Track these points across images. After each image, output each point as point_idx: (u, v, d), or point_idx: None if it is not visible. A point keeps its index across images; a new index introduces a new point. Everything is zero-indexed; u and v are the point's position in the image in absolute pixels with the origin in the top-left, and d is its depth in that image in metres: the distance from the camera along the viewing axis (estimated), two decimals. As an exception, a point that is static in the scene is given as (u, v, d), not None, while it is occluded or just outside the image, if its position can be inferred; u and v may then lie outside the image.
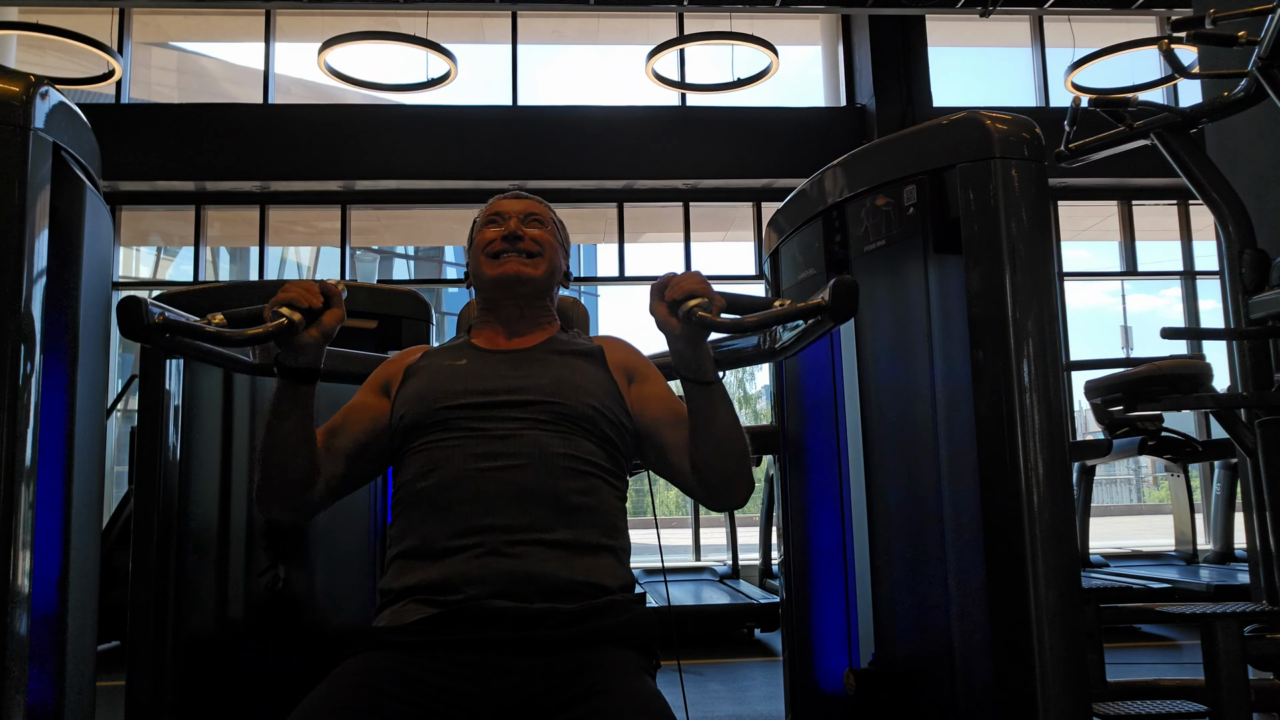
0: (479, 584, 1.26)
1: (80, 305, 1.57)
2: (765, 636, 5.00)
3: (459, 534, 1.29)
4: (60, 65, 7.32)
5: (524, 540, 1.29)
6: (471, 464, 1.33)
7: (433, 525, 1.31)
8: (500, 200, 1.60)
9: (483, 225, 1.58)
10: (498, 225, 1.55)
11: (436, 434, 1.38)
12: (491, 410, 1.38)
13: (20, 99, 1.40)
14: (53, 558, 1.52)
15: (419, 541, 1.32)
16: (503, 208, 1.57)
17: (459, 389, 1.41)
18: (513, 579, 1.26)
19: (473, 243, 1.59)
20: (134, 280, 9.10)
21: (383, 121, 8.00)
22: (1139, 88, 7.01)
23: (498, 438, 1.35)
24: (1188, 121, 2.68)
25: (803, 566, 2.08)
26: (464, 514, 1.30)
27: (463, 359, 1.48)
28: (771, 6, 8.03)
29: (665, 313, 1.28)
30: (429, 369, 1.48)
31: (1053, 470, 1.45)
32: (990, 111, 1.58)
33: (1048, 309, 1.50)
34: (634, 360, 1.54)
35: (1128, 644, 4.33)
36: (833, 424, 1.98)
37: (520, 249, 1.52)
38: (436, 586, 1.27)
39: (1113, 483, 18.96)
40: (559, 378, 1.43)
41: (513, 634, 1.24)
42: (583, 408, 1.39)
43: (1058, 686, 1.41)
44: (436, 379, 1.45)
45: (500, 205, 1.58)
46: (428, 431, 1.39)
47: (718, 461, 1.35)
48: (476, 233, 1.59)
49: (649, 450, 1.47)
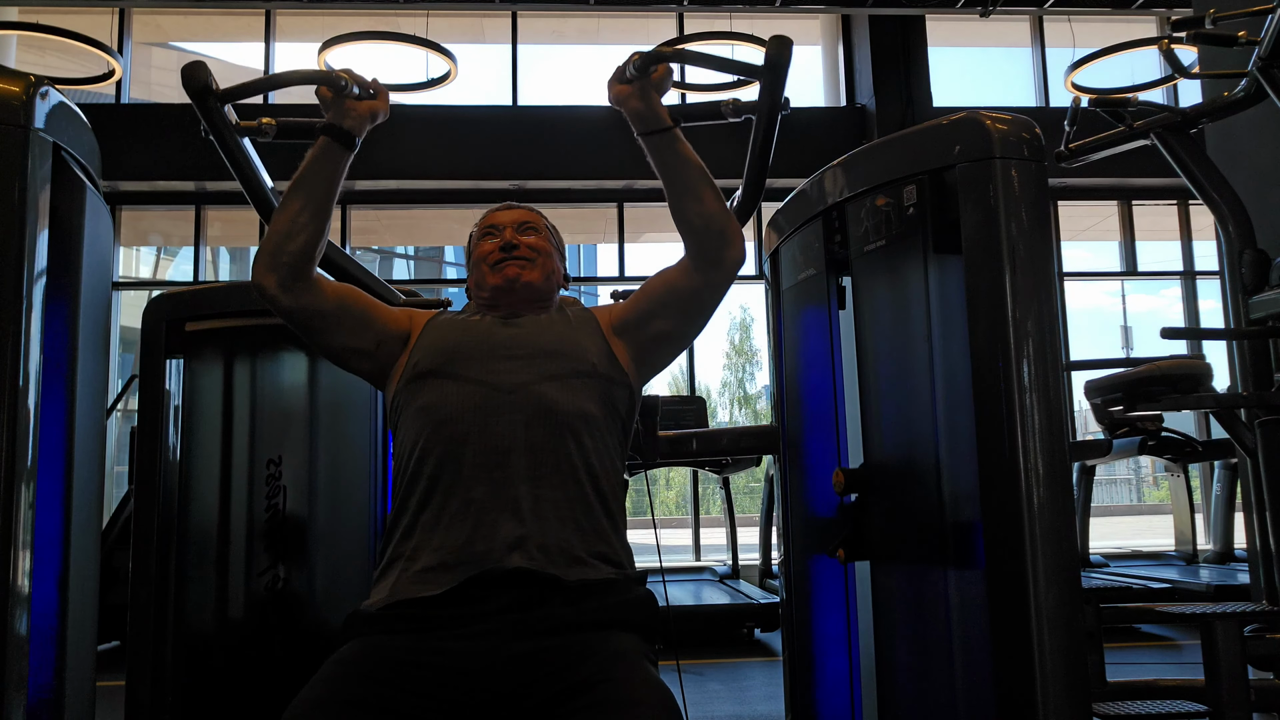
0: (488, 545, 1.31)
1: (80, 305, 1.57)
2: (765, 636, 4.99)
3: (470, 493, 1.35)
4: (60, 65, 7.32)
5: (532, 492, 1.35)
6: (479, 417, 1.40)
7: (446, 479, 1.37)
8: (493, 213, 1.68)
9: (479, 239, 1.65)
10: (494, 237, 1.63)
11: (445, 380, 1.45)
12: (497, 363, 1.46)
13: (20, 99, 1.39)
14: (53, 558, 1.52)
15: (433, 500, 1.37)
16: (497, 220, 1.65)
17: (465, 340, 1.51)
18: (520, 542, 1.31)
19: (471, 256, 1.66)
20: (134, 280, 9.09)
21: (383, 121, 7.99)
22: (1139, 88, 7.00)
23: (504, 390, 1.42)
24: (1188, 121, 2.68)
25: (803, 567, 2.08)
26: (475, 465, 1.36)
27: (471, 325, 1.58)
28: (771, 6, 8.03)
29: (618, 85, 1.46)
30: (441, 324, 1.58)
31: (1053, 470, 1.45)
32: (990, 111, 1.58)
33: (1048, 309, 1.50)
34: (613, 306, 1.65)
35: (1128, 644, 4.33)
36: (832, 424, 1.98)
37: (517, 256, 1.59)
38: (446, 549, 1.31)
39: (1113, 483, 18.95)
40: (561, 335, 1.53)
41: (513, 612, 1.24)
42: (583, 364, 1.48)
43: (1058, 686, 1.41)
44: (454, 340, 1.53)
45: (494, 218, 1.66)
46: (439, 377, 1.46)
47: (696, 203, 1.48)
48: (474, 247, 1.66)
49: (657, 298, 1.56)
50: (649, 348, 1.58)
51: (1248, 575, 4.18)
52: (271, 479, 2.18)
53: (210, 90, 1.50)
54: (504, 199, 8.26)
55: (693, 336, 1.63)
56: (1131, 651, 4.15)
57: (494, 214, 1.68)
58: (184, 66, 1.47)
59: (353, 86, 1.46)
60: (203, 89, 1.49)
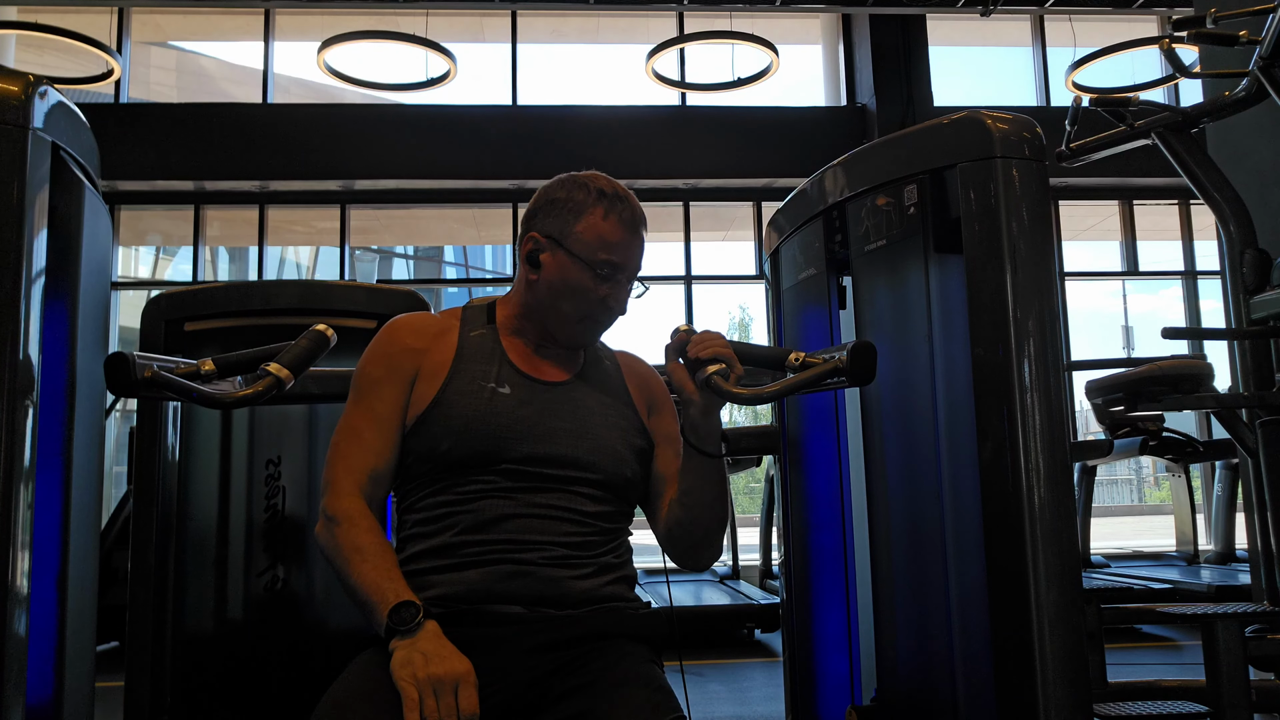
0: (499, 599, 1.25)
1: (79, 305, 1.56)
2: (765, 637, 4.99)
3: (483, 552, 1.27)
4: (59, 65, 7.32)
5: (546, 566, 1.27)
6: (510, 509, 1.28)
7: (459, 544, 1.28)
8: (624, 236, 1.35)
9: (594, 256, 1.33)
10: (610, 281, 1.35)
11: (480, 478, 1.30)
12: (536, 471, 1.30)
13: (19, 98, 1.39)
14: (52, 558, 1.51)
15: (440, 545, 1.29)
16: (624, 259, 1.36)
17: (507, 435, 1.30)
18: (532, 598, 1.26)
19: (570, 253, 1.34)
20: (133, 280, 9.09)
21: (382, 121, 8.00)
22: (1140, 87, 7.01)
23: (539, 492, 1.30)
24: (1189, 121, 2.68)
25: (803, 567, 2.08)
26: (494, 544, 1.27)
27: (504, 384, 1.34)
28: (772, 6, 8.03)
29: (684, 375, 1.26)
30: (465, 383, 1.33)
31: (1053, 470, 1.45)
32: (991, 111, 1.58)
33: (1049, 309, 1.50)
34: (651, 385, 1.48)
35: (1129, 644, 4.33)
36: (833, 424, 1.98)
37: (601, 325, 1.40)
38: (452, 599, 1.26)
39: (1114, 483, 18.96)
40: (598, 441, 1.34)
41: (521, 629, 1.24)
42: (619, 480, 1.35)
43: (1059, 687, 1.40)
44: (478, 410, 1.31)
45: (623, 255, 1.35)
46: (471, 473, 1.30)
47: (690, 531, 1.34)
48: (582, 251, 1.33)
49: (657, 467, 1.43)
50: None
51: (1249, 576, 4.18)
52: (270, 479, 2.18)
53: (142, 382, 1.35)
54: (504, 199, 8.28)
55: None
56: (1133, 652, 4.15)
57: (623, 240, 1.35)
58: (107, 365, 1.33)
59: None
60: (133, 384, 1.35)
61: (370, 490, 1.30)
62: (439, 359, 1.35)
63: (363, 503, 1.28)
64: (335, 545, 1.24)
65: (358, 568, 1.20)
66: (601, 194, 1.35)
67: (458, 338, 1.38)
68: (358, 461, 1.30)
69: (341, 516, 1.25)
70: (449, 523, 1.28)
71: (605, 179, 1.38)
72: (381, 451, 1.31)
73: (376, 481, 1.31)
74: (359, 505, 1.27)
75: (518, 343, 1.40)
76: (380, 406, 1.32)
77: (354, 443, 1.31)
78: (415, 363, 1.34)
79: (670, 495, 1.37)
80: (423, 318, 1.43)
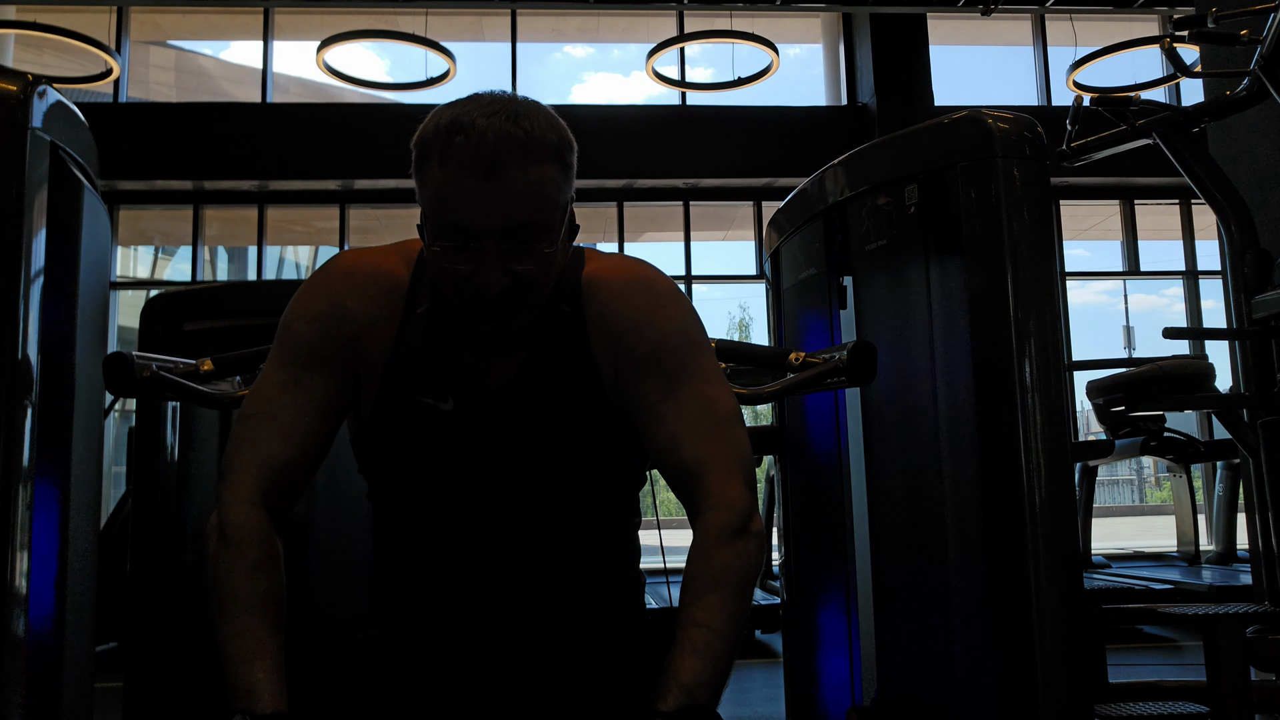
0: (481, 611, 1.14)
1: (78, 304, 1.56)
2: (766, 638, 4.99)
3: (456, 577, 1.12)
4: (58, 64, 7.32)
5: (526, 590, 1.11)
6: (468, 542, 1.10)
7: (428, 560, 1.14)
8: (466, 185, 0.95)
9: (437, 222, 0.99)
10: (466, 252, 0.98)
11: (422, 515, 1.12)
12: (489, 511, 1.09)
13: (18, 98, 1.39)
14: (50, 558, 1.51)
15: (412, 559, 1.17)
16: (472, 218, 0.96)
17: (448, 473, 1.07)
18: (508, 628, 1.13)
19: (423, 223, 1.02)
20: (132, 280, 9.09)
21: (381, 120, 7.99)
22: (1141, 86, 7.01)
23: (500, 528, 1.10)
24: (1190, 121, 2.67)
25: (803, 567, 2.07)
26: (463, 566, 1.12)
27: (447, 396, 1.07)
28: (772, 5, 8.03)
29: None
30: (400, 395, 1.07)
31: (1054, 470, 1.45)
32: (992, 110, 1.57)
33: (1049, 309, 1.50)
34: (627, 341, 1.09)
35: (1130, 645, 4.33)
36: (833, 424, 1.97)
37: (498, 314, 1.01)
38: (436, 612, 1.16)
39: (1115, 483, 18.96)
40: (556, 468, 1.08)
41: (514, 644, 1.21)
42: (591, 501, 1.13)
43: (1059, 687, 1.40)
44: (413, 441, 1.07)
45: (469, 213, 0.96)
46: (410, 509, 1.12)
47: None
48: (429, 219, 1.00)
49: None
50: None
51: (1250, 576, 4.18)
52: (270, 479, 2.18)
53: (143, 382, 1.32)
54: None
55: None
56: (1133, 652, 4.15)
57: (465, 190, 0.95)
58: (105, 365, 1.30)
59: None
60: (137, 384, 1.32)
61: (278, 493, 1.04)
62: (376, 346, 1.08)
63: (262, 515, 1.02)
64: (213, 575, 1.00)
65: (228, 625, 1.00)
66: (438, 131, 0.96)
67: (401, 314, 1.08)
68: (267, 449, 1.03)
69: (231, 534, 1.01)
70: (413, 542, 1.13)
71: (462, 104, 0.99)
72: (303, 444, 1.05)
73: (289, 479, 1.04)
74: (255, 520, 1.02)
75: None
76: (308, 380, 1.06)
77: (267, 424, 1.04)
78: (353, 333, 1.07)
79: (672, 465, 1.06)
80: (368, 265, 1.11)
